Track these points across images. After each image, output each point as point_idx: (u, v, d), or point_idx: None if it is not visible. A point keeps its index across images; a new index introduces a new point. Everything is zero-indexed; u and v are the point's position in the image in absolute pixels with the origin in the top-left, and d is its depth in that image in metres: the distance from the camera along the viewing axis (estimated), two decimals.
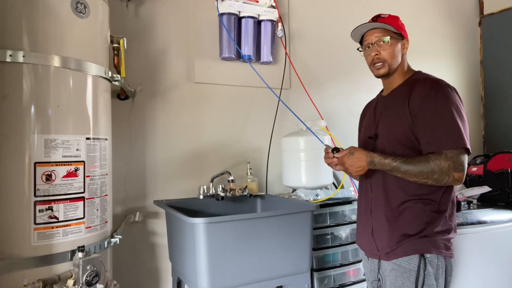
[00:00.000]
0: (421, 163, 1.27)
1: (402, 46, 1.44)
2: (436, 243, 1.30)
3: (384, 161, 1.31)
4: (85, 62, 1.34)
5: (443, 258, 1.31)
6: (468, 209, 1.91)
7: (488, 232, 1.85)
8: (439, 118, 1.28)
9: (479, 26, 3.22)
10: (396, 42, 1.42)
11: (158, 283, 2.00)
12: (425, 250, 1.29)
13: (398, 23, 1.46)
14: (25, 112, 1.22)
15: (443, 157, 1.25)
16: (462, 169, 1.25)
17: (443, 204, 1.33)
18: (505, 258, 1.90)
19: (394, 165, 1.29)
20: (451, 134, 1.26)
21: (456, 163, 1.24)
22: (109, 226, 1.50)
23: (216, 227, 1.44)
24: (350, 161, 1.36)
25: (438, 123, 1.28)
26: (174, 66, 2.06)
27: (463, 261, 1.79)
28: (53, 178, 1.25)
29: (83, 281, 1.16)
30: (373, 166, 1.34)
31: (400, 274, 1.32)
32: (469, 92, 3.17)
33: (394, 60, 1.42)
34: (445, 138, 1.26)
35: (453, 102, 1.29)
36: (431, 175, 1.25)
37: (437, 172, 1.25)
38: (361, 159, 1.34)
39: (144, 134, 1.98)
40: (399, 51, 1.43)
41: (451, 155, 1.24)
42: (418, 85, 1.35)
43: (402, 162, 1.29)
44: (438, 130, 1.27)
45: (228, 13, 2.08)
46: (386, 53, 1.41)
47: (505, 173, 2.08)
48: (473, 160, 2.39)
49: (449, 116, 1.27)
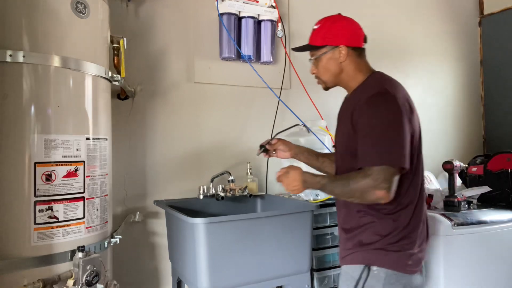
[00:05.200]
0: (342, 182, 1.23)
1: (338, 55, 1.34)
2: (389, 256, 1.24)
3: (314, 180, 1.28)
4: (85, 62, 1.34)
5: (398, 274, 1.24)
6: (468, 209, 1.91)
7: (488, 232, 1.85)
8: (369, 132, 1.21)
9: (479, 26, 3.22)
10: (327, 56, 1.35)
11: (158, 283, 2.00)
12: (372, 261, 1.25)
13: (322, 34, 1.36)
14: (25, 112, 1.22)
15: (361, 175, 1.19)
16: (385, 187, 1.15)
17: (403, 218, 1.26)
18: (505, 258, 1.90)
19: (322, 184, 1.27)
20: (376, 150, 1.18)
21: (377, 180, 1.16)
22: (109, 226, 1.50)
23: (216, 227, 1.44)
24: (286, 181, 1.33)
25: (367, 138, 1.21)
26: (174, 66, 2.06)
27: (463, 261, 1.79)
28: (53, 178, 1.25)
29: (83, 281, 1.16)
30: (307, 186, 1.30)
31: (344, 280, 1.32)
32: (469, 92, 3.17)
33: (328, 74, 1.37)
34: (369, 154, 1.19)
35: (388, 115, 1.20)
36: (353, 193, 1.20)
37: (358, 190, 1.19)
38: (296, 179, 1.31)
39: (144, 134, 1.98)
40: (335, 62, 1.35)
41: (370, 172, 1.17)
42: (361, 97, 1.28)
43: (328, 182, 1.26)
44: (365, 145, 1.21)
45: (228, 13, 2.08)
46: (318, 70, 1.39)
47: (505, 173, 2.08)
48: (473, 160, 2.39)
49: (378, 131, 1.19)
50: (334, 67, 1.36)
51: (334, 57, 1.35)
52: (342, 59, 1.34)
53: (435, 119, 2.97)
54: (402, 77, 3.05)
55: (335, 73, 1.37)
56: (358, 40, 1.36)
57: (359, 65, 1.36)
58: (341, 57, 1.34)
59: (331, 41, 1.34)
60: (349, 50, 1.34)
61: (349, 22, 1.38)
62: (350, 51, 1.34)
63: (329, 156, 1.63)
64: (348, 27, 1.36)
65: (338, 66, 1.36)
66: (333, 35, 1.35)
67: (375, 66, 1.42)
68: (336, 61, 1.35)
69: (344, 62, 1.35)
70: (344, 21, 1.38)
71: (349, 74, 1.36)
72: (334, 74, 1.37)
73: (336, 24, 1.36)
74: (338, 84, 1.41)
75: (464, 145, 3.05)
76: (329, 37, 1.35)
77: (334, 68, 1.36)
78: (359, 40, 1.37)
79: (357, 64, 1.36)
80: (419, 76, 2.91)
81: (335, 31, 1.35)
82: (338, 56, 1.34)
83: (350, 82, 1.37)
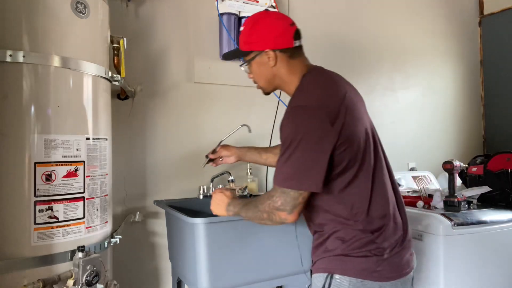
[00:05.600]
0: (253, 204, 1.19)
1: (267, 60, 1.23)
2: (353, 263, 1.14)
3: (230, 206, 1.28)
4: (85, 62, 1.34)
5: (365, 282, 1.14)
6: (468, 209, 1.91)
7: (488, 232, 1.85)
8: (282, 149, 1.13)
9: (479, 26, 3.22)
10: (256, 61, 1.25)
11: (158, 283, 2.00)
12: (334, 269, 1.17)
13: (245, 39, 1.25)
14: (25, 112, 1.22)
15: (267, 196, 1.14)
16: (286, 209, 1.10)
17: (369, 223, 1.16)
18: (505, 258, 1.90)
19: (237, 210, 1.26)
20: (283, 170, 1.11)
21: (276, 202, 1.11)
22: (109, 226, 1.50)
23: (216, 227, 1.44)
24: (212, 206, 1.36)
25: (279, 155, 1.14)
26: (174, 66, 2.06)
27: (463, 261, 1.79)
28: (53, 178, 1.25)
29: (83, 281, 1.16)
30: (228, 212, 1.29)
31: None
32: (469, 92, 3.17)
33: (262, 80, 1.29)
34: (277, 173, 1.12)
35: (297, 131, 1.09)
36: (262, 215, 1.16)
37: (265, 211, 1.14)
38: (220, 205, 1.32)
39: (144, 134, 1.98)
40: (265, 67, 1.24)
41: (274, 193, 1.12)
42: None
43: (241, 207, 1.24)
44: (278, 161, 1.13)
45: (228, 13, 2.08)
46: (253, 76, 1.31)
47: (505, 173, 2.08)
48: (473, 160, 2.39)
49: (288, 149, 1.10)
50: (266, 72, 1.26)
51: (263, 62, 1.24)
52: (271, 63, 1.23)
53: (435, 119, 2.97)
54: (402, 77, 3.07)
55: (269, 79, 1.27)
56: (286, 40, 1.22)
57: (293, 67, 1.24)
58: (270, 62, 1.22)
59: (255, 46, 1.23)
60: (278, 53, 1.22)
61: (273, 21, 1.23)
62: (279, 54, 1.22)
63: (272, 150, 1.63)
64: (272, 27, 1.22)
65: (270, 71, 1.25)
66: (256, 39, 1.22)
67: (375, 66, 1.40)
68: (266, 65, 1.24)
69: (274, 66, 1.23)
70: (267, 20, 1.23)
71: (282, 78, 1.26)
72: (267, 79, 1.28)
73: (258, 26, 1.23)
74: (277, 88, 1.32)
75: (464, 145, 3.06)
76: (253, 42, 1.23)
77: (266, 73, 1.26)
78: (287, 39, 1.22)
79: (289, 66, 1.24)
80: (419, 76, 2.91)
81: (257, 34, 1.22)
82: (267, 61, 1.23)
83: (287, 87, 1.27)
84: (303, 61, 1.28)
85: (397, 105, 2.79)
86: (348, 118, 1.14)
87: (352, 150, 1.14)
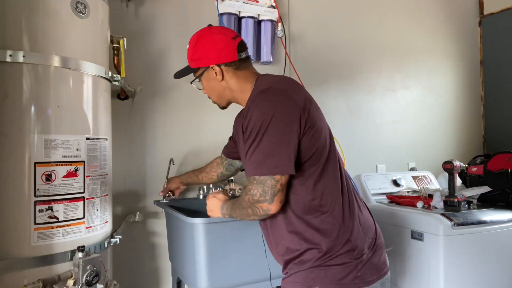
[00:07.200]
0: (237, 204, 1.18)
1: (214, 75, 1.25)
2: (333, 272, 1.11)
3: (223, 209, 1.28)
4: (85, 62, 1.34)
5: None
6: (468, 209, 1.91)
7: (488, 232, 1.85)
8: (248, 138, 1.10)
9: (479, 26, 3.22)
10: (204, 77, 1.28)
11: (158, 283, 2.00)
12: (314, 283, 1.12)
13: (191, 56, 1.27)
14: (25, 112, 1.22)
15: (244, 192, 1.12)
16: (266, 199, 1.06)
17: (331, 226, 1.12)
18: (505, 258, 1.90)
19: (229, 212, 1.25)
20: (253, 158, 1.08)
21: (255, 195, 1.08)
22: (109, 226, 1.50)
23: (216, 227, 1.44)
24: (208, 212, 1.37)
25: (246, 145, 1.10)
26: (174, 66, 2.06)
27: (463, 261, 1.79)
28: (53, 178, 1.25)
29: (83, 281, 1.16)
30: (224, 215, 1.30)
31: None
32: (469, 92, 3.17)
33: (215, 95, 1.32)
34: (248, 163, 1.09)
35: (265, 116, 1.07)
36: (247, 213, 1.13)
37: (248, 208, 1.12)
38: (215, 209, 1.33)
39: (144, 134, 1.98)
40: (215, 82, 1.26)
41: (249, 186, 1.09)
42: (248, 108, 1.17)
43: (231, 208, 1.23)
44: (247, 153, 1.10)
45: (228, 13, 2.08)
46: (206, 91, 1.34)
47: (505, 173, 2.08)
48: (473, 160, 2.39)
49: (256, 136, 1.07)
50: (216, 86, 1.28)
51: (211, 78, 1.27)
52: (219, 78, 1.25)
53: (435, 119, 2.97)
54: (402, 77, 3.07)
55: (220, 92, 1.30)
56: (229, 54, 1.23)
57: (243, 77, 1.26)
58: (217, 76, 1.25)
59: (200, 62, 1.26)
60: (223, 67, 1.24)
61: (214, 37, 1.24)
62: (224, 68, 1.24)
63: (203, 169, 1.79)
64: (213, 43, 1.23)
65: (220, 85, 1.27)
66: (200, 56, 1.25)
67: (375, 66, 1.41)
68: (215, 80, 1.26)
69: (223, 80, 1.26)
70: (208, 36, 1.25)
71: (234, 89, 1.27)
72: (219, 93, 1.30)
73: (201, 43, 1.25)
74: (231, 101, 1.33)
75: (464, 145, 3.06)
76: (198, 59, 1.26)
77: (217, 87, 1.28)
78: (230, 53, 1.23)
79: (238, 77, 1.25)
80: (419, 76, 2.91)
81: (201, 51, 1.25)
82: (214, 76, 1.25)
83: (241, 96, 1.27)
84: (252, 69, 1.30)
85: (397, 105, 2.79)
86: (312, 109, 1.16)
87: (320, 139, 1.14)
